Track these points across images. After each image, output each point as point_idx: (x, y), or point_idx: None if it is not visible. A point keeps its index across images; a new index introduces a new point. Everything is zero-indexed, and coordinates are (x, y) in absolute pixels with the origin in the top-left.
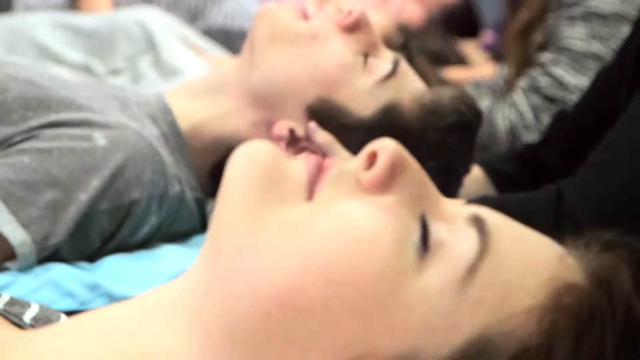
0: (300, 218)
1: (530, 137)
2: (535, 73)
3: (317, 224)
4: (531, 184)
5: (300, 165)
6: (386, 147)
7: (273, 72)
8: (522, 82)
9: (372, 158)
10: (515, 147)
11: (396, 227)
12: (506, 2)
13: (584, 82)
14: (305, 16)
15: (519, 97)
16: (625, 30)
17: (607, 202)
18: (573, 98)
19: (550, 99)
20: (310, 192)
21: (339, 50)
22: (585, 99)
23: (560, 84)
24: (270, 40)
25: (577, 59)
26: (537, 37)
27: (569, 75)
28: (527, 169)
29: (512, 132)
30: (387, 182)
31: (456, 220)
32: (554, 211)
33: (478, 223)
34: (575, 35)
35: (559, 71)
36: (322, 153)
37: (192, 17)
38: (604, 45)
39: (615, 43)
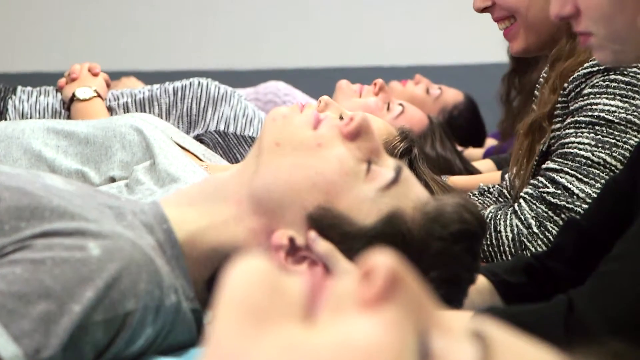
0: (298, 338)
1: (535, 247)
2: (540, 181)
3: (315, 344)
4: (538, 295)
5: (298, 283)
6: (381, 264)
7: (275, 178)
8: (527, 190)
9: (369, 274)
10: (520, 257)
11: (394, 343)
12: (504, 108)
13: (589, 191)
14: (317, 123)
15: (524, 206)
16: (633, 138)
17: (619, 313)
18: (578, 206)
19: (555, 208)
20: (308, 311)
21: (342, 157)
22: (594, 208)
23: (566, 192)
24: (275, 145)
25: (582, 167)
26: (543, 144)
27: (574, 183)
28: (535, 279)
29: (517, 241)
30: (384, 298)
31: (457, 334)
32: (564, 322)
33: (479, 338)
34: (580, 143)
35: (564, 179)
36: (323, 263)
37: (190, 123)
38: (610, 154)
39: (621, 151)
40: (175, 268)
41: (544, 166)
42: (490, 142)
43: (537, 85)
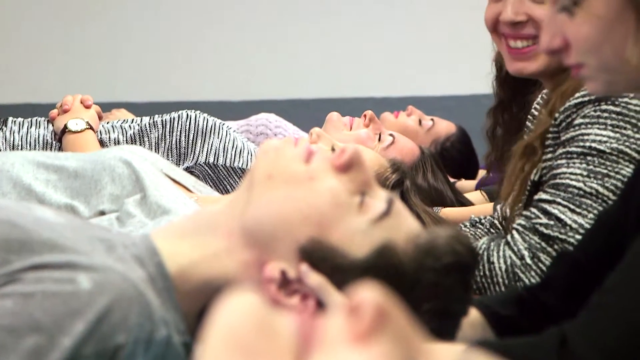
0: None
1: (529, 278)
2: (532, 212)
3: None
4: (531, 327)
5: (288, 322)
6: (368, 299)
7: (267, 210)
8: (519, 222)
9: (356, 310)
10: (513, 289)
11: None
12: (490, 142)
13: (582, 221)
14: (309, 157)
15: (517, 237)
16: (624, 168)
17: (612, 346)
18: (571, 237)
19: (547, 239)
20: (300, 353)
21: (334, 190)
22: (587, 240)
23: (558, 223)
24: (267, 177)
25: (574, 198)
26: (535, 174)
27: (566, 214)
28: (527, 312)
29: (510, 272)
30: (372, 333)
31: None
32: (557, 356)
33: None
34: (572, 173)
35: (556, 210)
36: (315, 296)
37: (179, 155)
38: (602, 184)
39: (613, 181)
40: (166, 301)
41: (536, 197)
42: (483, 173)
43: (535, 106)
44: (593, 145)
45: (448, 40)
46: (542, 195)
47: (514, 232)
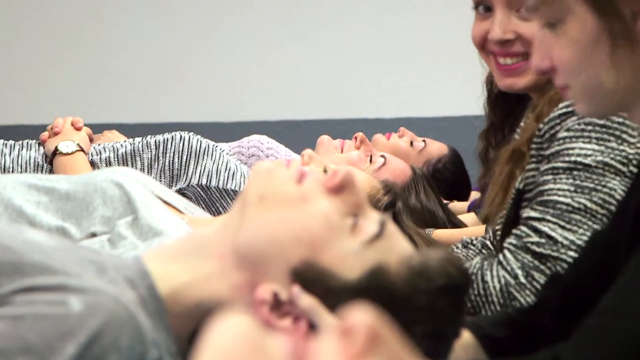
0: None
1: (524, 297)
2: (523, 230)
3: None
4: (524, 349)
5: (280, 345)
6: (361, 321)
7: (259, 232)
8: (510, 241)
9: (349, 332)
10: (506, 310)
11: None
12: (483, 164)
13: (572, 237)
14: (301, 178)
15: (509, 256)
16: (611, 181)
17: None
18: (563, 254)
19: (540, 257)
20: None
21: (326, 212)
22: (580, 260)
23: (550, 240)
24: (260, 199)
25: (563, 214)
26: (520, 182)
27: (557, 231)
28: (520, 333)
29: (505, 292)
30: (365, 355)
31: None
32: None
33: None
34: (560, 189)
35: (546, 228)
36: (307, 318)
37: (172, 177)
38: (590, 198)
39: (601, 195)
40: (157, 323)
41: (525, 215)
42: (475, 195)
43: (524, 120)
44: (578, 159)
45: (439, 61)
46: (530, 212)
47: (506, 251)
